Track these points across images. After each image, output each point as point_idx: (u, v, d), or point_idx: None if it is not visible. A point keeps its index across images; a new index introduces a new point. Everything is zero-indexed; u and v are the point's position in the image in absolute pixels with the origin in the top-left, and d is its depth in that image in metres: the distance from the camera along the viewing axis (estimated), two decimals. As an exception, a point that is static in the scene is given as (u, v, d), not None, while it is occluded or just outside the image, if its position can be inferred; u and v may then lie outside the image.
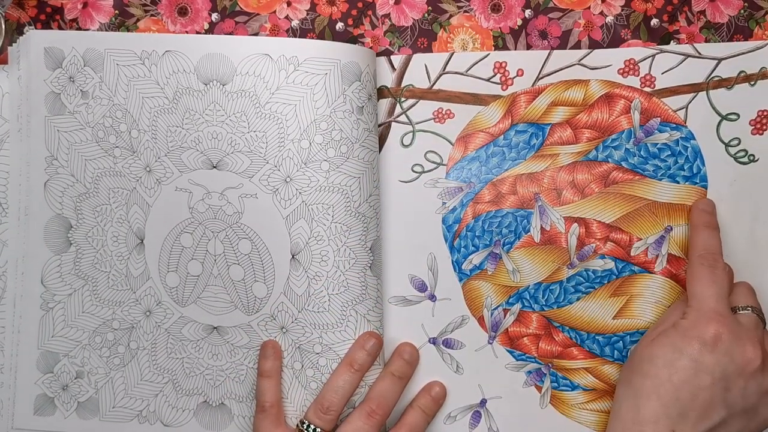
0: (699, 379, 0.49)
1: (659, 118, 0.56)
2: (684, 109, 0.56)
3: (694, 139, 0.56)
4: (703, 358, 0.49)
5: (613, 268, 0.57)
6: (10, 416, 0.59)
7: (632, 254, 0.57)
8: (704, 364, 0.49)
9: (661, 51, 0.56)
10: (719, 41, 0.57)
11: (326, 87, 0.54)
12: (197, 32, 0.58)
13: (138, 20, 0.58)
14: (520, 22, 0.58)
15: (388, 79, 0.57)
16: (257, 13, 0.58)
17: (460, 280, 0.58)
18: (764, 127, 0.56)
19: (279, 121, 0.54)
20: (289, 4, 0.58)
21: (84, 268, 0.58)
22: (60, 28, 0.58)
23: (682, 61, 0.56)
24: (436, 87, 0.57)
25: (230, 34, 0.58)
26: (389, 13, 0.58)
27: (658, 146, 0.56)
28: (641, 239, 0.57)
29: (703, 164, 0.56)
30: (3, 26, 0.57)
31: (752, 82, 0.56)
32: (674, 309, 0.55)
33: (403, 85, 0.57)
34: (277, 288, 0.56)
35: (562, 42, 0.57)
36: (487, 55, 0.57)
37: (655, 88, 0.56)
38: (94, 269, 0.58)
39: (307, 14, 0.58)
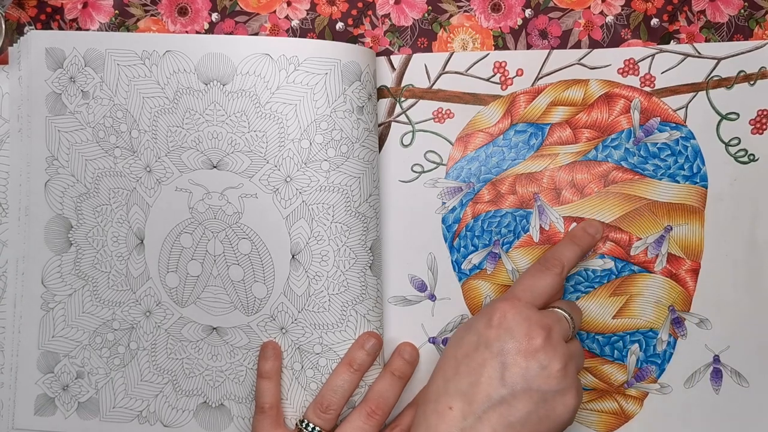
0: (478, 354, 0.48)
1: (659, 118, 0.56)
2: (684, 109, 0.56)
3: (693, 138, 0.56)
4: (486, 332, 0.49)
5: (612, 268, 0.57)
6: (11, 416, 0.59)
7: (632, 254, 0.57)
8: (485, 337, 0.48)
9: (661, 51, 0.56)
10: (719, 41, 0.57)
11: (326, 87, 0.54)
12: (197, 32, 0.58)
13: (138, 20, 0.58)
14: (520, 22, 0.58)
15: (387, 79, 0.57)
16: (257, 13, 0.58)
17: (460, 279, 0.58)
18: (764, 127, 0.56)
19: (279, 121, 0.54)
20: (289, 4, 0.58)
21: (84, 269, 0.58)
22: (60, 28, 0.58)
23: (682, 61, 0.56)
24: (435, 87, 0.57)
25: (230, 34, 0.58)
26: (389, 13, 0.58)
27: (657, 146, 0.56)
28: (641, 239, 0.57)
29: (703, 164, 0.56)
30: (3, 26, 0.57)
31: (752, 82, 0.56)
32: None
33: (402, 84, 0.57)
34: (277, 288, 0.56)
35: (562, 42, 0.57)
36: (487, 54, 0.57)
37: (655, 88, 0.56)
38: (94, 269, 0.58)
39: (307, 14, 0.58)
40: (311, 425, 0.54)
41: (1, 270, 0.59)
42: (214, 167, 0.56)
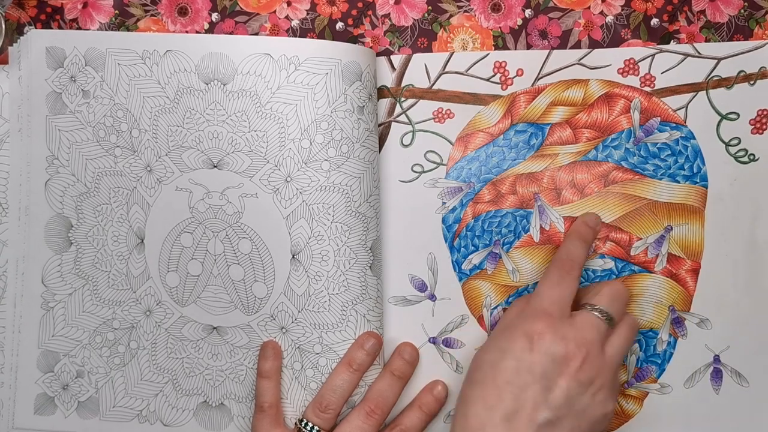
0: (520, 379, 0.48)
1: (659, 118, 0.56)
2: (684, 109, 0.56)
3: (694, 138, 0.56)
4: (525, 356, 0.48)
5: (612, 268, 0.57)
6: (11, 416, 0.59)
7: (632, 254, 0.57)
8: (525, 362, 0.48)
9: (661, 50, 0.56)
10: (719, 41, 0.57)
11: (327, 87, 0.54)
12: (197, 32, 0.58)
13: (138, 20, 0.59)
14: (520, 22, 0.58)
15: (387, 78, 0.57)
16: (257, 13, 0.58)
17: (460, 279, 0.58)
18: (764, 127, 0.56)
19: (280, 121, 0.54)
20: (289, 3, 0.58)
21: (84, 268, 0.58)
22: (60, 28, 0.58)
23: (682, 61, 0.56)
24: (435, 87, 0.57)
25: (230, 34, 0.58)
26: (389, 13, 0.58)
27: (658, 146, 0.57)
28: (641, 239, 0.57)
29: (703, 164, 0.56)
30: (3, 26, 0.57)
31: (752, 82, 0.56)
32: (512, 308, 0.54)
33: (402, 84, 0.57)
34: (277, 288, 0.56)
35: (562, 42, 0.57)
36: (487, 54, 0.57)
37: (655, 88, 0.56)
38: (94, 269, 0.58)
39: (307, 14, 0.58)
40: (310, 425, 0.54)
41: (1, 270, 0.59)
42: (215, 167, 0.56)
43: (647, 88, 0.56)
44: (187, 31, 0.58)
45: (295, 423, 0.55)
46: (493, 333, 0.52)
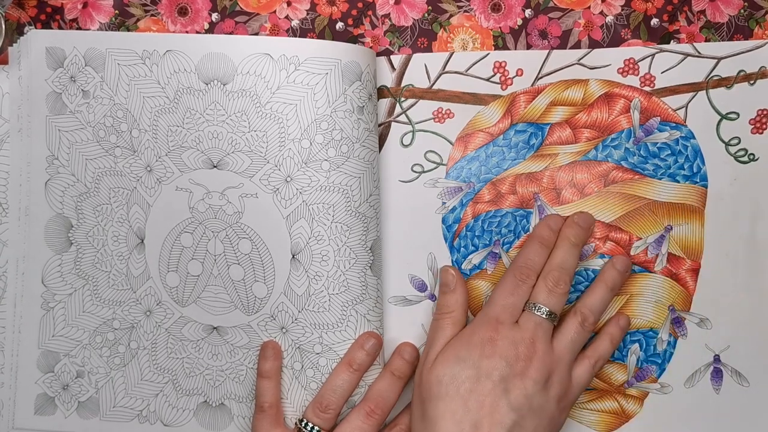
0: (481, 386, 0.49)
1: (659, 118, 0.56)
2: (684, 109, 0.56)
3: (693, 138, 0.56)
4: (482, 362, 0.50)
5: (613, 268, 0.57)
6: (11, 416, 0.59)
7: (632, 254, 0.57)
8: (483, 368, 0.49)
9: (661, 50, 0.56)
10: (719, 41, 0.57)
11: (327, 87, 0.54)
12: (197, 32, 0.58)
13: (138, 20, 0.59)
14: (520, 22, 0.58)
15: (387, 78, 0.57)
16: (257, 13, 0.58)
17: (460, 279, 0.58)
18: (764, 126, 0.56)
19: (280, 121, 0.54)
20: (289, 4, 0.58)
21: (84, 268, 0.58)
22: (60, 28, 0.58)
23: (682, 61, 0.56)
24: (435, 87, 0.57)
25: (230, 34, 0.58)
26: (389, 13, 0.58)
27: (657, 145, 0.57)
28: (641, 238, 0.57)
29: (703, 163, 0.56)
30: (3, 26, 0.57)
31: (752, 82, 0.56)
32: (440, 328, 0.54)
33: (402, 84, 0.57)
34: (277, 288, 0.56)
35: (562, 42, 0.58)
36: (487, 54, 0.57)
37: (655, 88, 0.56)
38: (94, 269, 0.58)
39: (307, 14, 0.58)
40: (310, 425, 0.54)
41: (1, 270, 0.59)
42: (215, 167, 0.56)
43: (647, 88, 0.57)
44: (187, 31, 0.58)
45: (295, 423, 0.55)
46: (450, 344, 0.52)
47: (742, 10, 0.57)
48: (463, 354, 0.51)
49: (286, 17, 0.58)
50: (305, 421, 0.54)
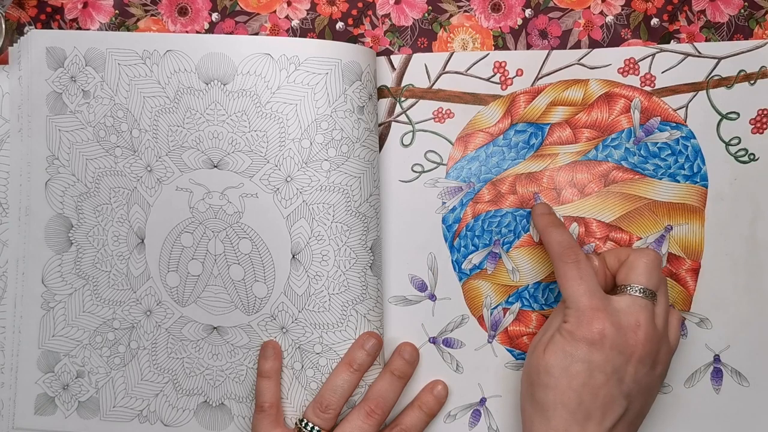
0: (594, 379, 0.49)
1: (659, 117, 0.56)
2: (684, 108, 0.56)
3: (694, 138, 0.56)
4: (593, 357, 0.49)
5: (613, 268, 0.57)
6: (11, 416, 0.59)
7: (632, 253, 0.57)
8: (595, 363, 0.49)
9: (661, 50, 0.56)
10: (719, 41, 0.57)
11: (327, 86, 0.54)
12: (197, 32, 0.58)
13: (138, 20, 0.59)
14: (520, 22, 0.58)
15: (387, 78, 0.57)
16: (257, 13, 0.58)
17: (460, 279, 0.58)
18: (764, 126, 0.56)
19: (280, 121, 0.54)
20: (289, 3, 0.58)
21: (85, 268, 0.58)
22: (60, 28, 0.58)
23: (682, 60, 0.56)
24: (435, 87, 0.57)
25: (230, 33, 0.58)
26: (389, 13, 0.58)
27: (658, 145, 0.57)
28: (641, 238, 0.57)
29: (704, 163, 0.56)
30: (3, 26, 0.57)
31: (752, 81, 0.56)
32: (556, 313, 0.54)
33: (403, 84, 0.57)
34: (277, 288, 0.56)
35: (562, 42, 0.58)
36: (487, 54, 0.57)
37: (655, 88, 0.56)
38: (94, 269, 0.58)
39: (307, 14, 0.58)
40: (310, 425, 0.54)
41: (1, 270, 0.59)
42: (215, 167, 0.56)
43: (647, 88, 0.57)
44: (187, 31, 0.58)
45: (296, 423, 0.55)
46: (547, 337, 0.52)
47: (742, 10, 0.57)
48: (569, 349, 0.50)
49: (286, 17, 0.58)
50: (305, 421, 0.54)
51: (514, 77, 0.57)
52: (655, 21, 0.57)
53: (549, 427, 0.50)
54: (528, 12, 0.58)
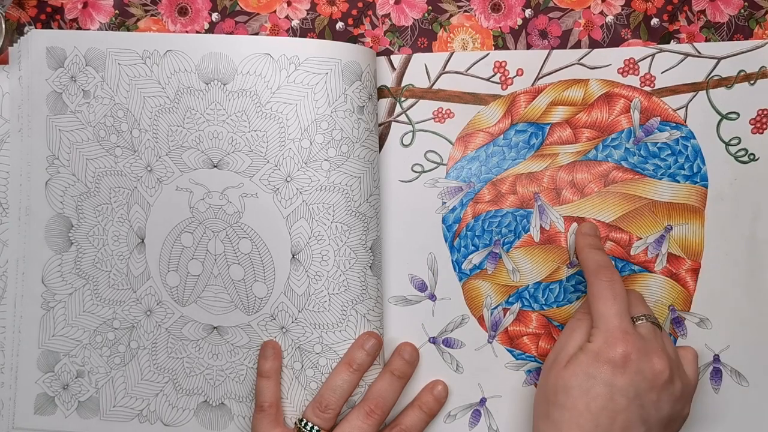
0: (615, 403, 0.49)
1: (659, 118, 0.56)
2: (684, 109, 0.56)
3: (694, 138, 0.56)
4: (616, 380, 0.49)
5: (613, 268, 0.57)
6: (11, 415, 0.59)
7: (632, 253, 0.57)
8: (618, 386, 0.49)
9: (661, 50, 0.56)
10: (719, 41, 0.57)
11: (327, 86, 0.54)
12: (197, 32, 0.58)
13: (138, 20, 0.59)
14: (520, 22, 0.58)
15: (387, 78, 0.57)
16: (257, 13, 0.58)
17: (460, 279, 0.58)
18: (764, 126, 0.56)
19: (280, 121, 0.54)
20: (289, 3, 0.58)
21: (85, 268, 0.58)
22: (60, 28, 0.59)
23: (682, 61, 0.56)
24: (435, 87, 0.57)
25: (230, 33, 0.58)
26: (389, 13, 0.58)
27: (658, 145, 0.57)
28: (641, 238, 0.57)
29: (704, 163, 0.57)
30: (3, 26, 0.57)
31: (752, 81, 0.56)
32: (576, 328, 0.53)
33: (403, 84, 0.57)
34: (277, 288, 0.56)
35: (562, 41, 0.58)
36: (487, 54, 0.57)
37: (655, 88, 0.56)
38: (94, 269, 0.58)
39: (307, 14, 0.58)
40: (310, 424, 0.54)
41: (1, 270, 0.59)
42: (215, 167, 0.56)
43: (647, 88, 0.57)
44: (187, 31, 0.58)
45: (295, 423, 0.55)
46: (567, 354, 0.51)
47: (742, 10, 0.57)
48: (591, 371, 0.49)
49: (286, 17, 0.58)
50: (305, 421, 0.54)
51: (515, 77, 0.57)
52: (655, 21, 0.57)
53: None
54: (528, 12, 0.58)
